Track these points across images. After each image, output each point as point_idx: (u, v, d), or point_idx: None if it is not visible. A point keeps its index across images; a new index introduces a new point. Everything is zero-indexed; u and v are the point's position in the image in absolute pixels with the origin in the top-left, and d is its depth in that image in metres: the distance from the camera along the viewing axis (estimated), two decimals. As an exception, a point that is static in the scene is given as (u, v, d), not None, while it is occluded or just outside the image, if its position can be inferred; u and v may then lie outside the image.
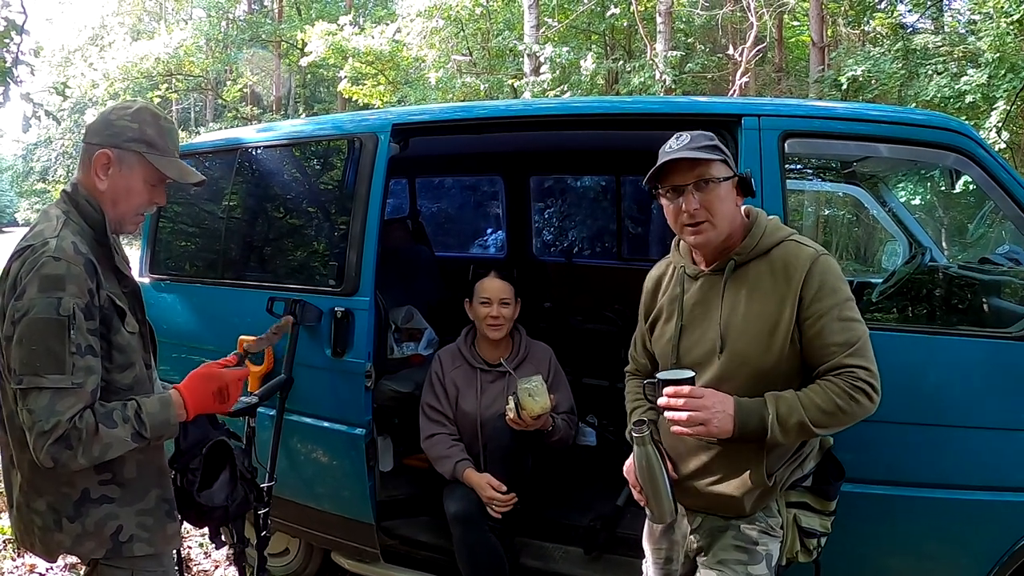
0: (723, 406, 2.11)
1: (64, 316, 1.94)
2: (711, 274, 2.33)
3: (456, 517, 3.36)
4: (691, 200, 2.19)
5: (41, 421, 1.91)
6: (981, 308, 3.33)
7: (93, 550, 2.13)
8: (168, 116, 2.32)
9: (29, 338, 1.93)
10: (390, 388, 3.97)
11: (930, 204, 8.38)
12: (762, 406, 2.10)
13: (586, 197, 7.87)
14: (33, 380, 1.92)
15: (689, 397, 2.10)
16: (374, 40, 19.39)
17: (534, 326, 4.26)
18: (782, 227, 2.33)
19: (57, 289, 1.95)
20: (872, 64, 13.71)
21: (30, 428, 1.92)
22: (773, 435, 2.08)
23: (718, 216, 2.21)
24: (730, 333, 2.24)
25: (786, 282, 2.19)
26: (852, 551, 2.80)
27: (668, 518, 2.37)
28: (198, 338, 3.97)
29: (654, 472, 2.29)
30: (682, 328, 2.36)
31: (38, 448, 1.92)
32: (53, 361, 1.93)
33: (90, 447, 1.96)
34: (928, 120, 3.00)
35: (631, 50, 20.14)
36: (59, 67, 32.81)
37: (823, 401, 2.08)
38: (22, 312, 1.94)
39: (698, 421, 2.08)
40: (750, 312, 2.22)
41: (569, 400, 3.68)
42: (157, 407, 2.11)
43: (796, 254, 2.22)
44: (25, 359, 1.93)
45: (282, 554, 4.21)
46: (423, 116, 3.71)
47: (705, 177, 2.18)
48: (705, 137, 2.23)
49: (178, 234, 4.44)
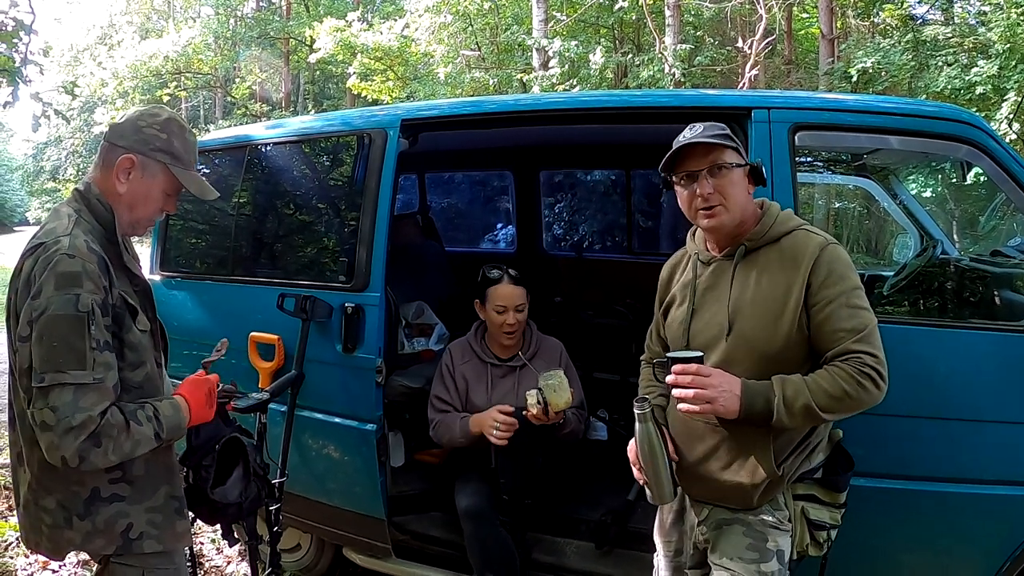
0: (730, 386, 2.15)
1: (83, 312, 1.96)
2: (723, 259, 2.37)
3: (467, 512, 3.37)
4: (705, 185, 2.25)
5: (68, 417, 1.91)
6: (993, 301, 3.31)
7: (103, 547, 2.15)
8: (192, 130, 2.35)
9: (49, 335, 1.94)
10: (401, 384, 3.98)
11: (941, 196, 8.32)
12: (768, 388, 2.13)
13: (596, 191, 7.84)
14: (56, 377, 1.93)
15: (696, 375, 2.15)
16: (382, 36, 19.36)
17: (545, 321, 4.26)
18: (794, 217, 2.37)
19: (74, 286, 1.96)
20: (882, 56, 13.63)
21: (53, 425, 1.91)
22: (779, 417, 2.10)
23: (731, 200, 2.26)
24: (738, 317, 2.27)
25: (794, 268, 2.22)
26: (864, 546, 2.80)
27: (668, 498, 2.39)
28: (209, 335, 3.97)
29: (654, 449, 2.32)
30: (693, 312, 2.39)
31: (65, 445, 1.92)
32: (75, 357, 1.94)
33: (121, 444, 1.99)
34: (939, 112, 2.99)
35: (640, 44, 20.10)
36: (68, 66, 32.90)
37: (830, 385, 2.10)
38: (40, 310, 1.95)
39: (704, 399, 2.13)
40: (758, 296, 2.26)
41: (580, 394, 3.67)
42: (170, 409, 2.16)
43: (805, 241, 2.26)
44: (46, 356, 1.94)
45: (294, 550, 4.22)
46: (432, 111, 3.71)
47: (719, 163, 2.24)
48: (718, 127, 2.30)
49: (188, 231, 4.46)
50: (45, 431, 1.93)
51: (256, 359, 3.70)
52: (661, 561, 2.66)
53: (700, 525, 2.44)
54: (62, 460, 1.94)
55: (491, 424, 3.36)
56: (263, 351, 3.70)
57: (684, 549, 2.56)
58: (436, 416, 3.61)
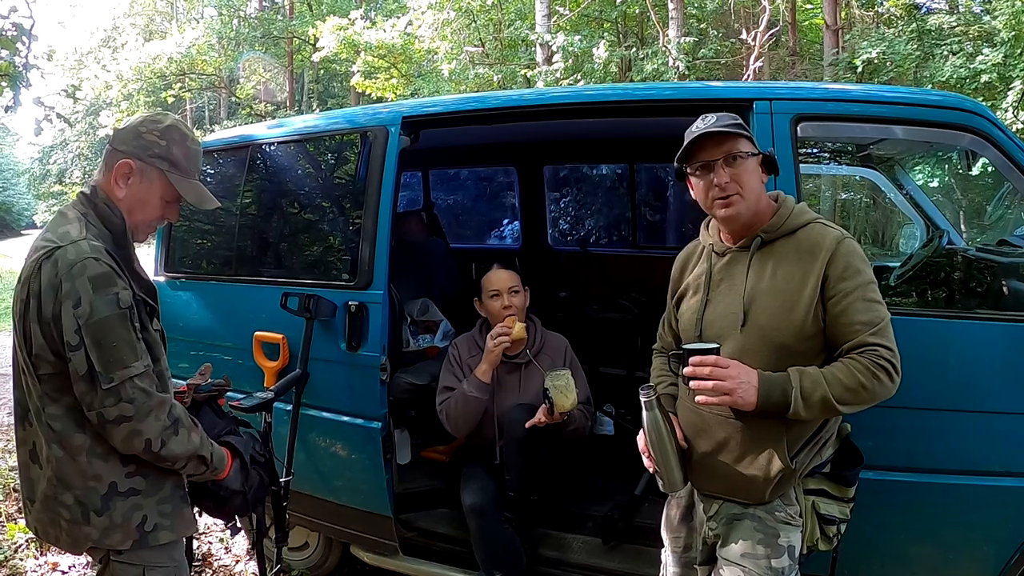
0: (747, 377, 2.14)
1: (125, 308, 2.06)
2: (738, 251, 2.38)
3: (473, 509, 3.37)
4: (721, 174, 2.26)
5: (145, 402, 2.05)
6: (1000, 291, 3.29)
7: (121, 541, 2.17)
8: (196, 137, 2.37)
9: (106, 338, 2.02)
10: (406, 381, 3.98)
11: (948, 186, 8.30)
12: (786, 380, 2.12)
13: (601, 185, 7.83)
14: (123, 372, 2.03)
15: (714, 367, 2.14)
16: (386, 34, 19.35)
17: (550, 316, 4.26)
18: (808, 211, 2.37)
19: (111, 286, 2.04)
20: (887, 46, 13.57)
21: (134, 415, 2.03)
22: (796, 409, 2.10)
23: (747, 189, 2.27)
24: (753, 307, 2.27)
25: (811, 260, 2.23)
26: (873, 539, 2.79)
27: (679, 486, 2.39)
28: (215, 335, 3.99)
29: (662, 436, 2.33)
30: (707, 302, 2.40)
31: (148, 427, 2.05)
32: (130, 349, 2.06)
33: (191, 437, 2.18)
34: (942, 101, 2.97)
35: (644, 37, 20.05)
36: (72, 70, 32.99)
37: (846, 377, 2.10)
38: (86, 317, 2.01)
39: (723, 391, 2.12)
40: (774, 287, 2.26)
41: (585, 391, 3.67)
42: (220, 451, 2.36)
43: (822, 234, 2.27)
44: (109, 357, 2.02)
45: (302, 548, 4.23)
46: (433, 108, 3.70)
47: (733, 152, 2.25)
48: (730, 117, 2.30)
49: (192, 232, 4.46)
50: (122, 423, 2.03)
51: (261, 358, 3.71)
52: (669, 556, 2.66)
53: (710, 520, 2.43)
54: (146, 444, 2.06)
55: (491, 343, 3.47)
56: (268, 350, 3.71)
57: (694, 544, 2.55)
58: (445, 398, 3.62)
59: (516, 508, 3.42)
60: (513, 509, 3.41)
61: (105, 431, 2.05)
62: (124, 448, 2.07)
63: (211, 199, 2.37)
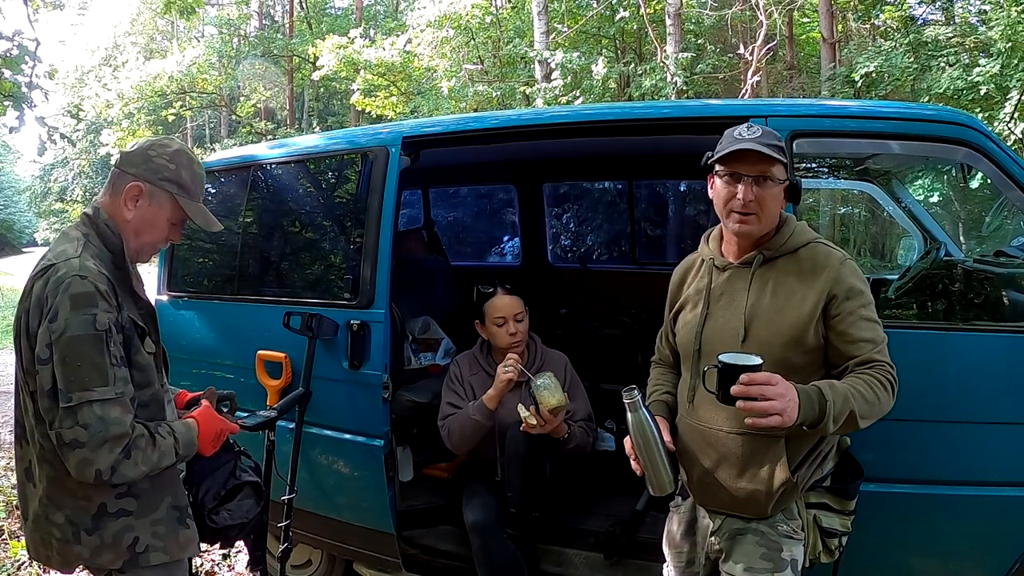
0: (792, 394, 2.01)
1: (101, 331, 2.02)
2: (739, 267, 2.39)
3: (474, 526, 3.38)
4: (749, 191, 2.25)
5: (101, 432, 1.98)
6: (998, 302, 3.31)
7: (111, 561, 2.18)
8: (200, 161, 2.41)
9: (72, 356, 2.00)
10: (408, 399, 3.99)
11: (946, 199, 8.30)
12: (819, 395, 2.04)
13: (600, 202, 7.85)
14: (83, 395, 1.98)
15: (766, 385, 2.00)
16: (385, 52, 19.46)
17: (551, 333, 4.27)
18: (810, 230, 2.39)
19: (90, 306, 2.02)
20: (884, 59, 13.61)
21: (87, 441, 1.97)
22: (826, 424, 2.03)
23: (766, 212, 2.29)
24: (754, 322, 2.29)
25: (813, 279, 2.25)
26: (874, 551, 2.80)
27: (668, 488, 2.37)
28: (217, 354, 4.01)
29: (648, 437, 2.31)
30: (707, 316, 2.41)
31: (100, 458, 1.98)
32: (98, 374, 2.01)
33: (149, 455, 2.07)
34: (936, 115, 3.00)
35: (642, 53, 20.09)
36: (73, 88, 33.13)
37: (866, 392, 2.10)
38: (59, 332, 2.00)
39: (775, 411, 1.97)
40: (775, 304, 2.28)
41: (586, 408, 3.68)
42: (183, 428, 2.23)
43: (826, 254, 2.30)
44: (71, 376, 1.99)
45: (305, 565, 4.23)
46: (433, 128, 3.73)
47: (767, 174, 2.26)
48: (774, 136, 2.30)
49: (195, 251, 4.49)
50: (76, 448, 1.98)
51: (264, 377, 3.72)
52: (671, 572, 2.66)
53: (713, 535, 2.44)
54: (96, 474, 1.99)
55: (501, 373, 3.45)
56: (271, 369, 3.72)
57: (696, 559, 2.56)
58: (447, 417, 3.63)
59: (518, 524, 3.42)
60: (515, 525, 3.42)
61: (62, 454, 2.02)
62: (77, 476, 2.02)
63: (216, 222, 2.41)
